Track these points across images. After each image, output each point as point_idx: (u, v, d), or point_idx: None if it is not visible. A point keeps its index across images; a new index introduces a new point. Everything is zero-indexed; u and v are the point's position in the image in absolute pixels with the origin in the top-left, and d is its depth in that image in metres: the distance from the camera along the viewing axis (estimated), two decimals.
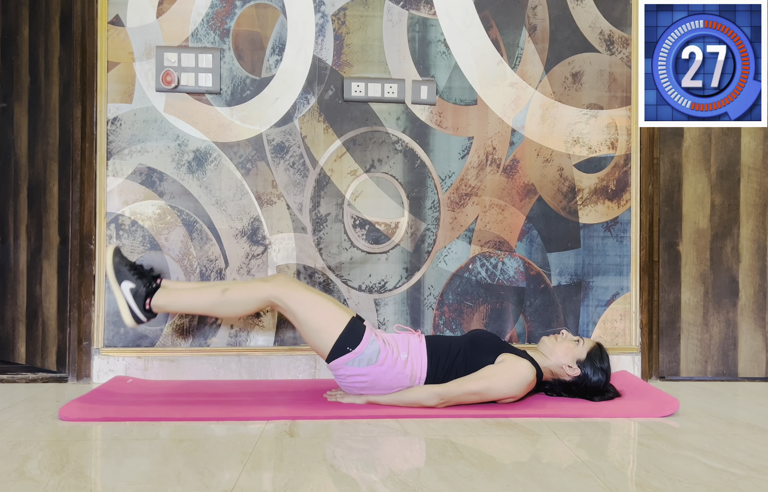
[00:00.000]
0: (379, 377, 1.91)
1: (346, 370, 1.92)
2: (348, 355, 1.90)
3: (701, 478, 1.34)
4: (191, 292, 2.03)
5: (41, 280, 2.34)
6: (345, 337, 1.91)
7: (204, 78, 2.30)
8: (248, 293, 1.98)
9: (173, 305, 2.02)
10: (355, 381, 1.92)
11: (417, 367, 1.94)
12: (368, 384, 1.92)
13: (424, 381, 1.95)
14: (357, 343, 1.91)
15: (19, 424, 1.71)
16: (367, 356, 1.90)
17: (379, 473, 1.36)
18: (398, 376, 1.92)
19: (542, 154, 2.41)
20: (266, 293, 1.96)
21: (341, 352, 1.90)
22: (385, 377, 1.91)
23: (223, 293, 1.98)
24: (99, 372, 2.27)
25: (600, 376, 2.01)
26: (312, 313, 1.93)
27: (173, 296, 2.01)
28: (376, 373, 1.91)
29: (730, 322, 2.46)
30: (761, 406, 2.03)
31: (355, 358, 1.90)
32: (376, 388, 1.93)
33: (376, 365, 1.90)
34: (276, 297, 1.95)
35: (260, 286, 1.97)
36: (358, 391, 1.95)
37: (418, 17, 2.37)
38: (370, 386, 1.93)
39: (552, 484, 1.29)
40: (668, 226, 2.45)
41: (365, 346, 1.91)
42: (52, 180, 2.31)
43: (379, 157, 2.37)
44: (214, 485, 1.28)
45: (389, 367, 1.91)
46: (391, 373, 1.91)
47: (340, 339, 1.90)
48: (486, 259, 2.39)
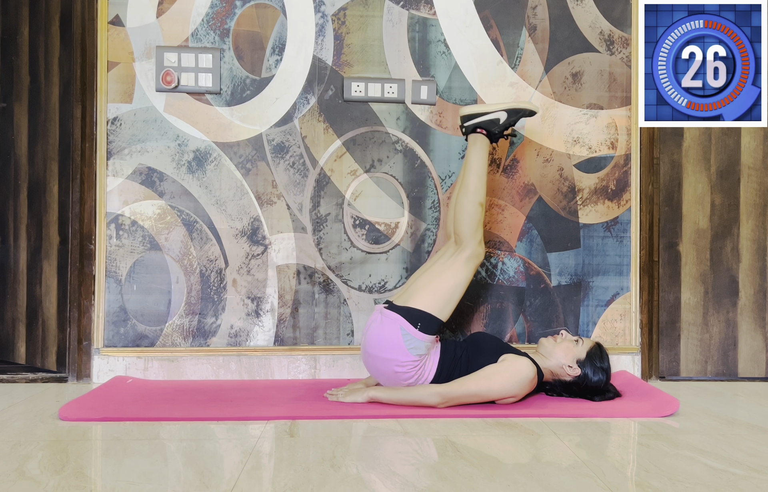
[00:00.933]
0: (399, 367, 1.92)
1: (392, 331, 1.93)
2: (411, 327, 1.92)
3: (701, 478, 1.34)
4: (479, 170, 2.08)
5: (41, 280, 2.34)
6: (428, 319, 1.93)
7: (204, 78, 2.30)
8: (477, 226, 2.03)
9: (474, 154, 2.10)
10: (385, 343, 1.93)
11: (427, 370, 1.96)
12: (388, 357, 1.93)
13: (429, 382, 1.96)
14: (426, 332, 1.93)
15: (19, 424, 1.71)
16: (414, 345, 1.92)
17: (379, 473, 1.36)
18: (411, 375, 1.94)
19: (542, 154, 2.41)
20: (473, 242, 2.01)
21: (411, 320, 1.92)
22: (402, 367, 1.93)
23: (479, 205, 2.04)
24: (99, 372, 2.27)
25: (600, 376, 2.01)
26: (451, 285, 1.98)
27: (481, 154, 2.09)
28: (402, 362, 1.92)
29: (730, 322, 2.46)
30: (761, 406, 2.03)
31: (410, 334, 1.92)
32: (388, 368, 1.94)
33: (409, 356, 1.92)
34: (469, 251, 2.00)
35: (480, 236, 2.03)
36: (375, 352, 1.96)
37: (418, 17, 2.37)
38: (387, 361, 1.94)
39: (552, 484, 1.29)
40: (668, 226, 2.45)
41: (424, 340, 1.93)
42: (52, 180, 2.31)
43: (379, 157, 2.37)
44: (214, 485, 1.28)
45: (411, 366, 1.93)
46: (408, 370, 1.94)
47: (426, 314, 1.93)
48: (486, 259, 2.39)
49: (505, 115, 2.08)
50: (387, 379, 1.98)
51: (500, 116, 2.07)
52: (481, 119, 2.08)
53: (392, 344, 1.92)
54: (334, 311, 2.35)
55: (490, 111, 2.08)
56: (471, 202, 2.03)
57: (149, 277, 2.30)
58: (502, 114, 2.08)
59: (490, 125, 2.08)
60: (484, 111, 2.08)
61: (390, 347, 1.93)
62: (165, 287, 2.30)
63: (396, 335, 1.92)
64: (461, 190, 2.07)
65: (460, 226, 2.03)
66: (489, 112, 2.07)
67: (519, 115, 2.10)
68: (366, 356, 2.01)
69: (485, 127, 2.08)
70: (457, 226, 2.04)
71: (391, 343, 1.92)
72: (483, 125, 2.08)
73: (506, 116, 2.08)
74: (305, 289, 2.34)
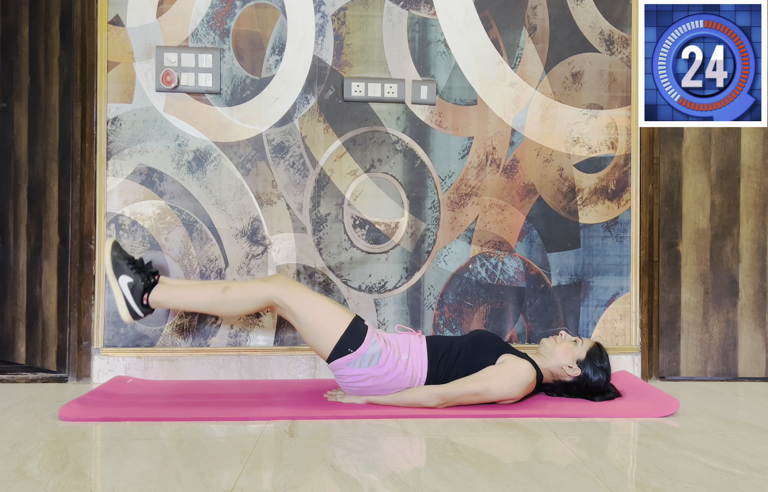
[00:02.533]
0: (379, 378, 1.91)
1: (347, 371, 1.91)
2: (349, 355, 1.90)
3: (701, 478, 1.34)
4: (190, 290, 2.02)
5: (41, 280, 2.34)
6: (346, 338, 1.91)
7: (204, 78, 2.30)
8: (249, 293, 1.97)
9: (171, 302, 2.01)
10: (356, 381, 1.92)
11: (417, 368, 1.94)
12: (369, 384, 1.92)
13: (424, 382, 1.95)
14: (358, 344, 1.90)
15: (19, 424, 1.71)
16: (369, 357, 1.90)
17: (379, 473, 1.36)
18: (399, 377, 1.92)
19: (542, 154, 2.41)
20: (266, 293, 1.95)
21: (342, 352, 1.90)
22: (385, 378, 1.91)
23: (223, 292, 1.98)
24: (99, 372, 2.27)
25: (601, 376, 2.01)
26: (313, 314, 1.92)
27: (172, 293, 2.01)
28: (377, 374, 1.91)
29: (730, 322, 2.46)
30: (761, 406, 2.03)
31: (357, 358, 1.90)
32: (377, 388, 1.93)
33: (377, 366, 1.90)
34: (276, 297, 1.94)
35: (261, 286, 1.97)
36: (359, 391, 1.95)
37: (418, 17, 2.37)
38: (370, 387, 1.93)
39: (552, 484, 1.29)
40: (668, 226, 2.45)
41: (367, 347, 1.90)
42: (52, 180, 2.31)
43: (379, 157, 2.37)
44: (214, 485, 1.28)
45: (390, 368, 1.91)
46: (391, 374, 1.91)
47: (341, 340, 1.90)
48: (486, 259, 2.39)
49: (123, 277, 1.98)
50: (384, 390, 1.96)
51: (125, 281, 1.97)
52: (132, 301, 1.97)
53: (358, 377, 1.91)
54: None
55: (122, 294, 1.97)
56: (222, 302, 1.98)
57: None
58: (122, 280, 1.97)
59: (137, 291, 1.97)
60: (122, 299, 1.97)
61: (357, 380, 1.92)
62: None
63: (351, 371, 1.91)
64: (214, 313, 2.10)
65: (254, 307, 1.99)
66: (124, 294, 1.97)
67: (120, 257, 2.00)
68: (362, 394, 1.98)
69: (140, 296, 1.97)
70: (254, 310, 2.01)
71: (357, 377, 1.92)
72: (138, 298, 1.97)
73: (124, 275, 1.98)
74: None
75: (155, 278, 2.03)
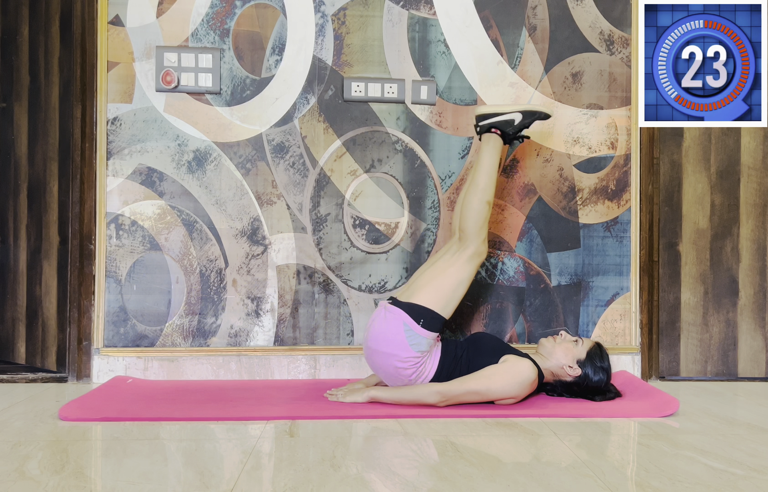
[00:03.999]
0: (400, 358, 1.92)
1: (395, 326, 1.92)
2: (414, 323, 1.92)
3: (701, 478, 1.34)
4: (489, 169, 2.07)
5: (41, 280, 2.34)
6: (431, 315, 1.93)
7: (204, 78, 2.30)
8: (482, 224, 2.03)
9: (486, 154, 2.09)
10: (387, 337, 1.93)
11: (428, 368, 1.96)
12: (390, 351, 1.93)
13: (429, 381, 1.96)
14: (428, 329, 1.93)
15: (19, 424, 1.71)
16: (417, 341, 1.92)
17: (379, 473, 1.36)
18: (412, 372, 1.94)
19: (542, 154, 2.41)
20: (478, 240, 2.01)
21: (415, 316, 1.92)
22: (404, 363, 1.92)
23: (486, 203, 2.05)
24: (99, 372, 2.27)
25: (601, 376, 2.01)
26: (454, 282, 1.98)
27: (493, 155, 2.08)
28: (402, 355, 1.92)
29: (730, 322, 2.46)
30: (761, 406, 2.03)
31: (413, 330, 1.91)
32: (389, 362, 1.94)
33: (411, 352, 1.91)
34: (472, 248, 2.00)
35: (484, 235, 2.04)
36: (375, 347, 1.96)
37: (418, 17, 2.37)
38: (389, 355, 1.93)
39: (552, 484, 1.29)
40: (668, 226, 2.45)
41: (426, 337, 1.92)
42: (52, 180, 2.31)
43: (379, 157, 2.37)
44: (214, 485, 1.28)
45: (413, 363, 1.93)
46: (411, 367, 1.93)
47: (430, 311, 1.93)
48: (486, 258, 2.39)
49: (520, 116, 2.09)
50: (388, 375, 1.98)
51: (515, 117, 2.08)
52: (496, 119, 2.08)
53: (395, 340, 1.92)
54: (334, 311, 2.35)
55: (506, 112, 2.08)
56: (479, 200, 2.03)
57: (149, 277, 2.30)
58: (517, 115, 2.08)
59: (504, 126, 2.09)
60: (499, 111, 2.09)
61: (392, 343, 1.92)
62: (165, 287, 2.30)
63: (399, 331, 1.92)
64: (470, 187, 2.08)
65: (466, 222, 2.03)
66: (505, 113, 2.08)
67: (534, 118, 2.11)
68: (368, 351, 2.00)
69: (500, 127, 2.09)
70: (464, 222, 2.04)
71: (394, 338, 1.92)
72: (498, 125, 2.08)
73: (521, 118, 2.09)
74: (305, 289, 2.34)
75: (512, 141, 2.16)
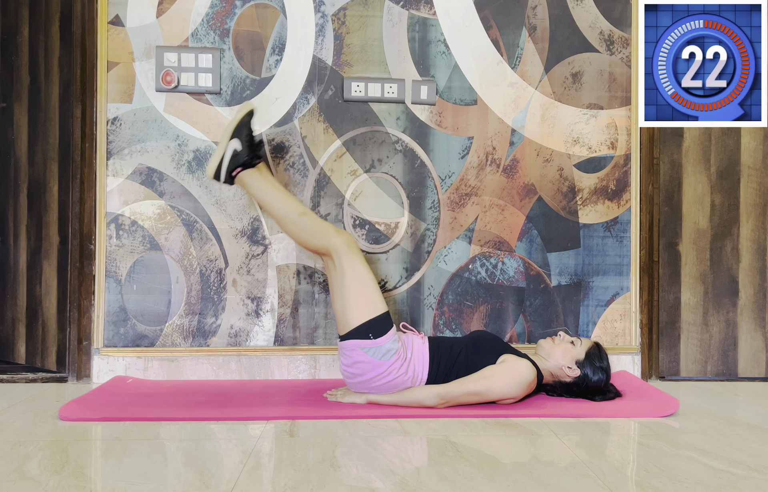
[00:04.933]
0: (382, 374, 1.91)
1: (358, 355, 1.92)
2: (368, 341, 1.91)
3: (701, 478, 1.34)
4: (274, 193, 2.04)
5: (41, 280, 2.34)
6: (373, 324, 1.92)
7: (204, 78, 2.30)
8: (319, 230, 2.01)
9: (253, 190, 2.05)
10: (362, 370, 1.92)
11: (419, 368, 1.95)
12: (371, 377, 1.92)
13: (425, 382, 1.95)
14: (380, 335, 1.92)
15: (19, 424, 1.71)
16: (383, 351, 1.91)
17: (379, 473, 1.36)
18: (401, 377, 1.92)
19: (542, 154, 2.41)
20: (333, 241, 1.97)
21: (363, 335, 1.92)
22: (388, 376, 1.91)
23: (300, 216, 2.01)
24: (99, 372, 2.27)
25: (600, 376, 2.01)
26: (358, 285, 1.95)
27: (259, 183, 2.04)
28: (382, 370, 1.91)
29: (730, 322, 2.46)
30: (761, 406, 2.03)
31: (373, 347, 1.91)
32: (378, 387, 1.93)
33: (387, 362, 1.91)
34: (337, 250, 1.96)
35: (331, 232, 2.00)
36: (359, 384, 1.95)
37: (418, 17, 2.37)
38: (371, 380, 1.93)
39: (552, 484, 1.29)
40: (668, 226, 2.45)
41: (386, 341, 1.92)
42: (52, 180, 2.31)
43: (379, 157, 2.37)
44: (214, 485, 1.28)
45: (396, 368, 1.92)
46: (394, 373, 1.92)
47: (368, 323, 1.92)
48: (486, 259, 2.39)
49: (236, 141, 2.01)
50: (384, 391, 1.97)
51: (233, 145, 2.01)
52: (225, 164, 2.01)
53: (365, 364, 1.92)
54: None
55: (223, 150, 2.02)
56: (292, 224, 2.01)
57: (149, 277, 2.30)
58: (233, 143, 2.01)
59: (236, 160, 2.01)
60: (220, 156, 2.02)
61: (366, 367, 1.92)
62: (165, 287, 2.30)
63: (362, 356, 1.92)
64: (281, 225, 2.07)
65: (313, 245, 2.02)
66: (224, 154, 2.02)
67: (246, 125, 2.03)
68: (354, 387, 2.00)
69: (234, 165, 2.01)
70: (311, 247, 2.04)
71: (364, 364, 1.92)
72: (231, 166, 2.02)
73: (238, 140, 2.01)
74: (305, 289, 2.35)
75: (256, 162, 2.06)
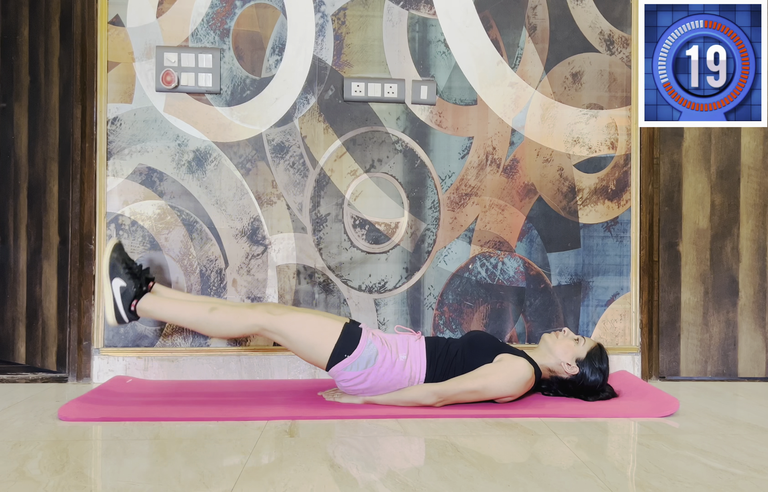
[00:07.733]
0: (378, 378, 1.91)
1: (346, 375, 1.91)
2: (346, 360, 1.90)
3: (701, 478, 1.34)
4: (179, 304, 2.00)
5: (41, 280, 2.34)
6: (341, 344, 1.90)
7: (204, 78, 2.30)
8: (235, 317, 1.95)
9: (158, 313, 1.99)
10: (356, 383, 1.92)
11: (416, 368, 1.94)
12: (368, 385, 1.92)
13: (423, 382, 1.95)
14: (353, 347, 1.90)
15: (19, 424, 1.71)
16: (365, 359, 1.90)
17: (379, 473, 1.36)
18: (397, 376, 1.92)
19: (542, 154, 2.41)
20: (252, 320, 1.93)
21: (339, 359, 1.90)
22: (384, 378, 1.91)
23: (210, 312, 1.95)
24: (99, 372, 2.27)
25: (597, 377, 2.01)
26: (303, 331, 1.91)
27: (160, 304, 1.98)
28: (375, 374, 1.91)
29: (730, 322, 2.46)
30: (761, 406, 2.03)
31: (353, 362, 1.90)
32: (376, 389, 1.93)
33: (374, 366, 1.90)
34: (261, 325, 1.92)
35: (247, 313, 1.94)
36: (360, 392, 1.95)
37: (418, 17, 2.37)
38: (370, 388, 1.93)
39: (552, 484, 1.29)
40: (668, 226, 2.45)
41: (362, 350, 1.91)
42: (52, 180, 2.31)
43: (379, 157, 2.37)
44: (214, 485, 1.28)
45: (388, 368, 1.91)
46: (390, 374, 1.91)
47: (336, 348, 1.90)
48: (486, 259, 2.39)
49: (117, 280, 1.96)
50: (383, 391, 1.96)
51: (119, 284, 1.96)
52: (120, 304, 1.96)
53: (358, 379, 1.91)
54: (334, 311, 2.35)
55: (113, 296, 1.96)
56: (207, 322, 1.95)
57: None
58: (115, 283, 1.96)
59: (128, 296, 1.95)
60: (111, 301, 1.96)
61: (360, 380, 1.91)
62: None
63: (350, 374, 1.91)
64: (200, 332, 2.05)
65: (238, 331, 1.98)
66: (114, 297, 1.96)
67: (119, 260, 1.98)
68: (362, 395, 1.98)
69: (129, 301, 1.96)
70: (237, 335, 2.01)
71: (356, 379, 1.91)
72: (127, 303, 1.96)
73: (118, 279, 1.96)
74: (305, 289, 2.35)
75: (149, 286, 2.01)
